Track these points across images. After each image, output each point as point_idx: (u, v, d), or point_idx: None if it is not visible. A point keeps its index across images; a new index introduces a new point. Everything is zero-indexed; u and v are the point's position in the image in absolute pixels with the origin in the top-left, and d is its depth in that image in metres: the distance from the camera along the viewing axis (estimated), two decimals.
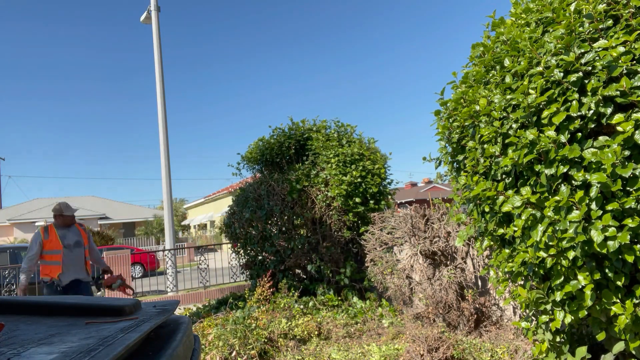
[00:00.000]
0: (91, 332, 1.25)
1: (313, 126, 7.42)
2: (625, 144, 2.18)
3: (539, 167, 2.50)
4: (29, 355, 1.02)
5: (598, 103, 2.30)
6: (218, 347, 4.13)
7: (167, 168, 10.46)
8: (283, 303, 5.36)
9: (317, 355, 4.12)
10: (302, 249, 6.42)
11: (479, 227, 3.18)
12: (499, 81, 2.89)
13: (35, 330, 1.30)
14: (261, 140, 7.59)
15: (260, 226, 6.67)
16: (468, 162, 3.06)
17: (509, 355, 3.74)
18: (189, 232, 41.15)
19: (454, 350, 3.71)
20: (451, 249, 4.86)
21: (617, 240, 2.12)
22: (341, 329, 4.78)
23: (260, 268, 6.88)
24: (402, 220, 5.42)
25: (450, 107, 3.34)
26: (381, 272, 5.47)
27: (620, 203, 2.15)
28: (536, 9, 2.83)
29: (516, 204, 2.53)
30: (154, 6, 10.83)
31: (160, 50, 10.82)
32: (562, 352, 2.89)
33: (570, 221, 2.27)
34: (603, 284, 2.43)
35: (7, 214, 34.80)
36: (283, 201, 6.54)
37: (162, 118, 10.54)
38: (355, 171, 6.37)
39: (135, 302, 1.62)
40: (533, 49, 2.60)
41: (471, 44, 3.32)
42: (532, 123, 2.57)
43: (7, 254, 10.19)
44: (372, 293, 5.97)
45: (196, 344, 1.67)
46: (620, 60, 2.21)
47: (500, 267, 2.99)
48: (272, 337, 4.41)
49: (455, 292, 4.66)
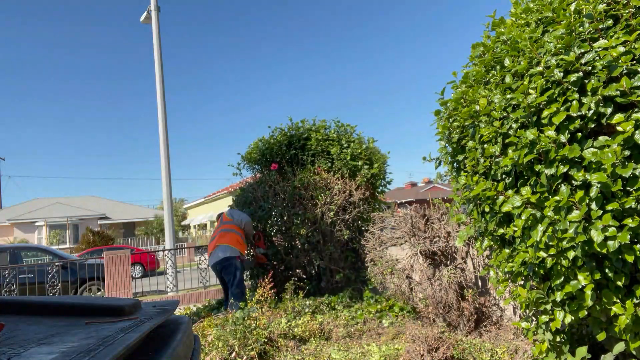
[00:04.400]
0: (91, 332, 1.25)
1: (312, 126, 7.42)
2: (625, 143, 2.17)
3: (539, 167, 2.49)
4: (29, 355, 1.02)
5: (598, 103, 2.29)
6: (218, 347, 4.13)
7: (167, 168, 10.46)
8: (289, 305, 5.37)
9: (317, 355, 4.12)
10: (303, 248, 6.42)
11: (479, 227, 3.18)
12: (499, 81, 2.88)
13: (35, 330, 1.30)
14: (261, 141, 7.58)
15: (260, 226, 6.67)
16: (468, 162, 3.06)
17: (509, 355, 3.74)
18: (189, 232, 41.13)
19: (454, 350, 3.71)
20: (451, 249, 4.86)
21: (617, 240, 2.11)
22: (341, 329, 4.78)
23: (260, 268, 6.88)
24: (402, 220, 5.42)
25: (450, 107, 3.34)
26: (381, 272, 5.47)
27: (621, 203, 2.15)
28: (536, 8, 2.83)
29: (516, 204, 2.53)
30: (154, 6, 10.83)
31: (160, 50, 10.82)
32: (562, 352, 2.89)
33: (570, 221, 2.27)
34: (603, 284, 2.42)
35: (7, 214, 34.81)
36: (283, 201, 6.54)
37: (162, 118, 10.53)
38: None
39: (135, 302, 1.62)
40: (533, 48, 2.60)
41: (471, 44, 3.32)
42: (532, 123, 2.57)
43: (7, 254, 10.18)
44: (372, 292, 5.96)
45: (196, 344, 1.67)
46: (620, 60, 2.21)
47: (500, 267, 2.99)
48: (272, 337, 4.41)
49: (455, 292, 4.65)
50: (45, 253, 11.44)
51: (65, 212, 33.67)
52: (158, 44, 10.81)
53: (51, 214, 33.32)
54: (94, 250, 19.62)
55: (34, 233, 33.11)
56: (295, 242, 6.44)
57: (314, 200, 6.43)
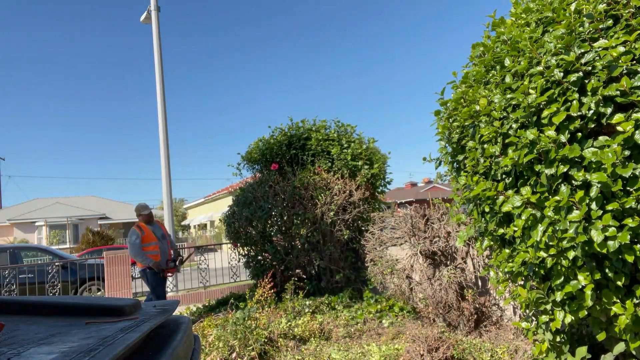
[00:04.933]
0: (91, 332, 1.25)
1: (313, 126, 7.42)
2: (625, 143, 2.17)
3: (539, 167, 2.49)
4: (29, 355, 1.02)
5: (598, 103, 2.29)
6: (218, 348, 4.13)
7: (167, 168, 10.45)
8: (289, 305, 5.36)
9: (317, 355, 4.12)
10: (303, 248, 6.42)
11: (479, 227, 3.18)
12: (499, 81, 2.88)
13: (35, 330, 1.30)
14: (261, 141, 7.58)
15: (260, 226, 6.67)
16: (468, 162, 3.06)
17: (509, 355, 3.74)
18: (189, 232, 41.12)
19: (454, 350, 3.71)
20: (451, 249, 4.86)
21: (617, 240, 2.11)
22: (341, 329, 4.78)
23: (260, 267, 6.89)
24: (402, 220, 5.42)
25: (450, 107, 3.34)
26: (381, 272, 5.47)
27: (621, 203, 2.15)
28: (536, 8, 2.83)
29: (516, 204, 2.52)
30: (153, 6, 10.82)
31: (160, 50, 10.81)
32: (562, 352, 2.89)
33: (571, 221, 2.26)
34: (603, 284, 2.42)
35: (7, 214, 34.79)
36: (283, 201, 6.54)
37: (162, 118, 10.53)
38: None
39: (135, 302, 1.62)
40: (533, 48, 2.60)
41: (471, 44, 3.32)
42: (532, 123, 2.57)
43: (7, 254, 10.18)
44: (372, 292, 5.96)
45: (196, 344, 1.67)
46: (621, 60, 2.21)
47: (500, 267, 2.99)
48: (272, 337, 4.41)
49: (455, 292, 4.65)
50: (45, 253, 11.43)
51: (65, 212, 33.67)
52: (158, 44, 10.80)
53: (51, 214, 33.32)
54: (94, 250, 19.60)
55: (34, 233, 33.11)
56: (295, 242, 6.44)
57: (314, 200, 6.43)
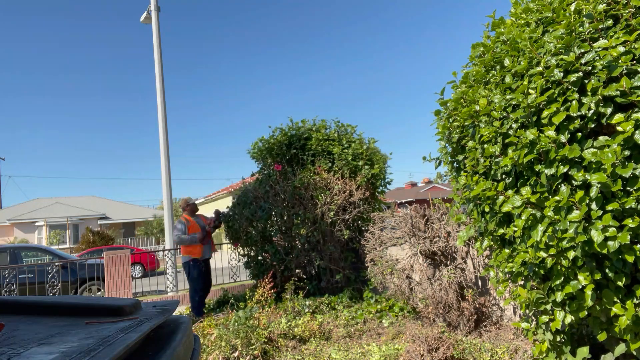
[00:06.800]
0: (91, 332, 1.25)
1: (313, 126, 7.42)
2: (625, 144, 2.17)
3: (539, 167, 2.49)
4: (29, 355, 1.02)
5: (598, 103, 2.29)
6: (220, 347, 4.13)
7: (167, 168, 10.46)
8: (289, 305, 5.36)
9: (317, 355, 4.12)
10: (303, 248, 6.42)
11: (479, 227, 3.18)
12: (499, 81, 2.88)
13: (35, 330, 1.30)
14: (261, 141, 7.59)
15: (261, 226, 6.67)
16: (468, 162, 3.06)
17: (509, 355, 3.74)
18: None
19: (454, 350, 3.71)
20: (451, 249, 4.86)
21: (618, 240, 2.11)
22: (341, 329, 4.78)
23: (260, 267, 6.89)
24: (402, 220, 5.42)
25: (450, 107, 3.34)
26: (381, 272, 5.47)
27: (621, 203, 2.15)
28: (536, 8, 2.83)
29: (516, 204, 2.52)
30: (154, 6, 10.83)
31: (160, 49, 10.82)
32: (563, 352, 2.89)
33: (571, 221, 2.27)
34: (603, 284, 2.42)
35: (7, 214, 34.79)
36: (283, 201, 6.54)
37: (162, 117, 10.53)
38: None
39: (135, 302, 1.62)
40: (533, 49, 2.60)
41: (471, 44, 3.32)
42: (532, 123, 2.57)
43: (7, 254, 10.18)
44: (372, 292, 5.97)
45: (196, 344, 1.67)
46: (620, 60, 2.21)
47: (501, 267, 2.99)
48: (272, 337, 4.41)
49: (455, 292, 4.66)
50: (45, 253, 11.43)
51: (65, 212, 33.67)
52: (158, 44, 10.81)
53: (51, 214, 33.32)
54: (94, 250, 19.60)
55: (34, 233, 33.11)
56: (295, 242, 6.44)
57: (314, 200, 6.43)
